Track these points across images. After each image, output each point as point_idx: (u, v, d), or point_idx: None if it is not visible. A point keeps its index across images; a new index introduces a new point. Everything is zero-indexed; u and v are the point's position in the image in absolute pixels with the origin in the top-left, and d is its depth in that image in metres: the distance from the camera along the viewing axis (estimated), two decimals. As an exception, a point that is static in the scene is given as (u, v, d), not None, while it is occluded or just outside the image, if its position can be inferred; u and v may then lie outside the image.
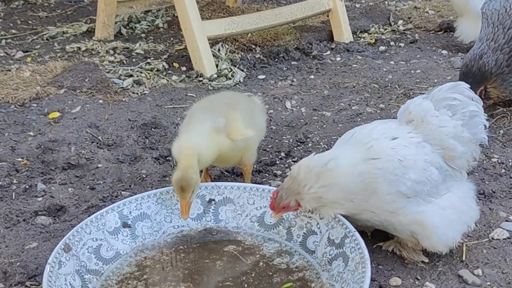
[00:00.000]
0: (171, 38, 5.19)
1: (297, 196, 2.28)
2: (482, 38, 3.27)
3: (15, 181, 3.07)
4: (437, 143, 2.33)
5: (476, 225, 2.54)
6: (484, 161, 3.11)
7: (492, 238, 2.54)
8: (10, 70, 4.38)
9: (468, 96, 2.43)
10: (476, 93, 3.11)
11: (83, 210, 2.80)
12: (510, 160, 3.11)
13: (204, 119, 2.58)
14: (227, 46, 4.64)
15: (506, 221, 2.65)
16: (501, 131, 3.34)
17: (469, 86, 2.96)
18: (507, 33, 3.17)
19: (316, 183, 2.23)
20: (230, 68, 4.34)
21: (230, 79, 4.22)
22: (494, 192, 2.86)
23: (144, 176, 3.12)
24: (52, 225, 2.70)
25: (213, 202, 2.58)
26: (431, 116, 2.35)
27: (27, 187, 3.01)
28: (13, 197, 2.93)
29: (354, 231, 2.26)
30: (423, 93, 3.84)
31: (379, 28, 5.41)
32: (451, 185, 2.37)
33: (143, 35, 5.32)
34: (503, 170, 3.05)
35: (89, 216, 2.68)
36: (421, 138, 2.33)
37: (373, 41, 5.09)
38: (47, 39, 5.25)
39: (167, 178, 3.09)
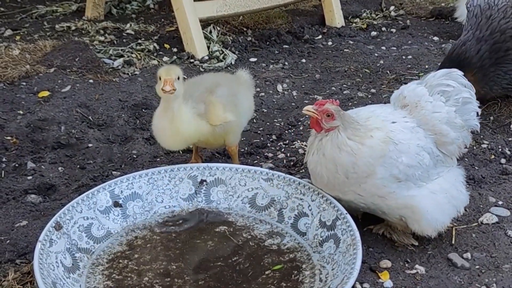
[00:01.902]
0: (162, 19, 5.15)
1: (344, 123, 2.27)
2: (467, 27, 3.28)
3: (4, 159, 3.05)
4: (430, 128, 2.35)
5: (466, 210, 2.57)
6: (474, 147, 3.12)
7: (481, 223, 2.56)
8: (-2, 48, 4.34)
9: (461, 83, 2.44)
10: None
11: (74, 189, 2.79)
12: (499, 146, 3.13)
13: (185, 104, 2.55)
14: (218, 28, 4.62)
15: (495, 206, 2.67)
16: (491, 118, 3.36)
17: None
18: (491, 26, 3.17)
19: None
20: (221, 50, 4.32)
21: (222, 61, 4.20)
22: (484, 178, 2.88)
23: (134, 156, 3.10)
24: (42, 203, 2.68)
25: (204, 183, 2.58)
26: (425, 101, 2.37)
27: (16, 165, 2.99)
28: (3, 175, 2.91)
29: (346, 214, 2.27)
30: (414, 79, 3.88)
31: (370, 13, 5.41)
32: (441, 170, 2.38)
33: (133, 15, 5.28)
34: (493, 156, 3.07)
35: (79, 195, 2.67)
36: (415, 123, 2.34)
37: (364, 26, 5.08)
38: (36, 18, 5.20)
39: (158, 159, 3.08)
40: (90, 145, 3.20)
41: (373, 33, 4.95)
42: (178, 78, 2.44)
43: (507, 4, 3.17)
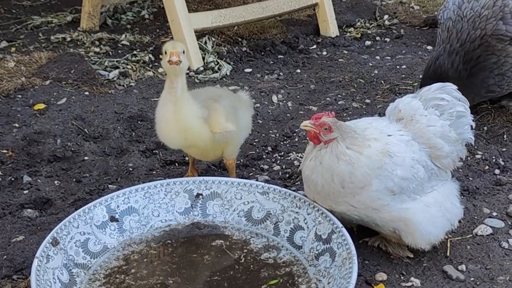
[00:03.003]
0: (157, 30, 5.16)
1: (342, 133, 2.29)
2: (439, 42, 3.35)
3: (0, 173, 3.05)
4: (424, 141, 2.37)
5: (460, 222, 2.58)
6: (468, 158, 3.15)
7: (476, 234, 2.58)
8: (-7, 60, 4.34)
9: (455, 96, 2.47)
10: None
11: (70, 203, 2.80)
12: (493, 157, 3.16)
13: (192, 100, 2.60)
14: (213, 39, 4.63)
15: (490, 217, 2.69)
16: (485, 128, 3.38)
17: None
18: (460, 38, 3.22)
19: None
20: (216, 61, 4.34)
21: (217, 72, 4.22)
22: (478, 189, 2.90)
23: (130, 169, 3.11)
24: (39, 218, 2.69)
25: (200, 196, 2.59)
26: (420, 115, 2.39)
27: (12, 179, 3.00)
28: (-2, 189, 2.92)
29: (341, 227, 2.29)
30: (409, 89, 3.92)
31: (365, 22, 5.43)
32: (436, 184, 2.40)
33: (128, 26, 5.28)
34: (487, 167, 3.09)
35: (76, 209, 2.69)
36: (410, 136, 2.36)
37: (359, 35, 5.10)
38: (31, 29, 5.19)
39: (154, 172, 3.10)
40: (86, 158, 3.21)
41: (367, 43, 4.98)
42: (184, 52, 2.50)
43: (475, 14, 3.21)
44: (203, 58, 4.37)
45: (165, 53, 2.49)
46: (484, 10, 3.18)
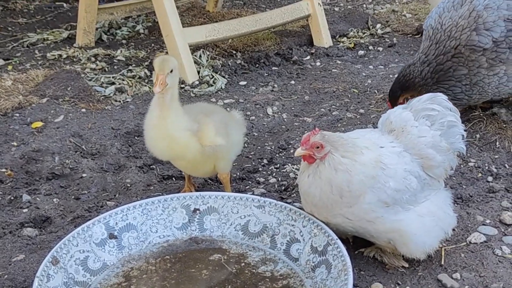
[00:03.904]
0: (152, 44, 5.21)
1: (333, 144, 2.33)
2: (419, 50, 3.45)
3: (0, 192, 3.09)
4: (416, 152, 2.41)
5: (454, 230, 2.63)
6: (461, 166, 3.19)
7: (470, 242, 2.62)
8: (-9, 79, 4.39)
9: (446, 106, 2.51)
10: (399, 100, 3.28)
11: (69, 221, 2.83)
12: (486, 164, 3.20)
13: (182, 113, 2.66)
14: (208, 53, 4.68)
15: (483, 225, 2.73)
16: (478, 136, 3.42)
17: (394, 90, 3.37)
18: (437, 49, 3.31)
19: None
20: (211, 74, 4.38)
21: (212, 85, 4.26)
22: (471, 196, 2.94)
23: (128, 185, 3.15)
24: (39, 236, 2.72)
25: (197, 211, 2.63)
26: (411, 126, 2.43)
27: (12, 198, 3.04)
28: (-2, 209, 2.95)
29: (337, 239, 2.32)
30: (402, 98, 3.94)
31: (357, 32, 5.48)
32: (429, 193, 2.44)
33: (124, 41, 5.33)
34: (480, 174, 3.13)
35: (75, 227, 2.74)
36: (402, 148, 2.40)
37: (352, 45, 5.16)
38: (27, 46, 5.24)
39: (152, 187, 3.13)
40: (84, 175, 3.25)
41: (361, 52, 5.03)
42: (172, 71, 2.55)
43: (453, 23, 3.28)
44: (198, 72, 4.41)
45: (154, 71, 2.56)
46: (461, 20, 3.25)
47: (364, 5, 6.49)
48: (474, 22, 3.23)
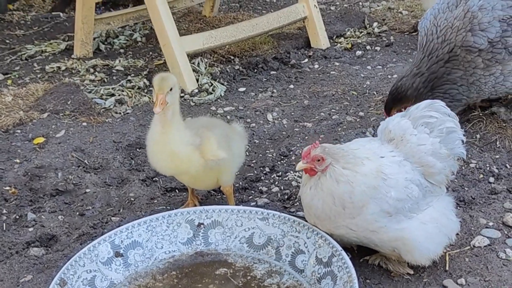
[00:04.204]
0: (150, 53, 5.22)
1: (334, 156, 2.35)
2: (412, 61, 3.45)
3: (4, 211, 3.11)
4: (416, 160, 2.42)
5: (458, 234, 2.64)
6: (463, 167, 3.20)
7: (474, 246, 2.63)
8: (-9, 95, 4.40)
9: (444, 113, 2.52)
10: (391, 112, 3.30)
11: (75, 238, 2.85)
12: (487, 165, 3.21)
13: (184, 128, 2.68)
14: (206, 60, 4.69)
15: (486, 227, 2.74)
16: (478, 136, 3.43)
17: (388, 102, 3.37)
18: (430, 60, 3.32)
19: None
20: (210, 82, 4.39)
21: (211, 93, 4.28)
22: (474, 199, 2.96)
23: (132, 199, 3.17)
24: (45, 255, 2.74)
25: (202, 226, 2.64)
26: (410, 134, 2.44)
27: (17, 217, 3.05)
28: (4, 228, 2.97)
29: (341, 250, 2.34)
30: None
31: (354, 31, 5.49)
32: (431, 200, 2.46)
33: (122, 50, 5.34)
34: (481, 176, 3.15)
35: (81, 244, 2.76)
36: (402, 157, 2.42)
37: (349, 46, 5.16)
38: (26, 59, 5.25)
39: (155, 200, 3.15)
40: (87, 190, 3.27)
41: (358, 53, 5.04)
42: (171, 90, 2.56)
43: (448, 24, 3.29)
44: (197, 80, 4.42)
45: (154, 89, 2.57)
46: (456, 21, 3.26)
47: (360, 3, 6.50)
48: (469, 23, 3.24)
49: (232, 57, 4.95)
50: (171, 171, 2.75)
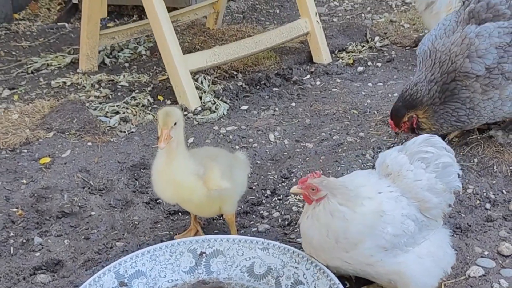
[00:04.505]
0: (154, 67, 5.29)
1: (332, 191, 2.42)
2: (421, 68, 3.47)
3: (12, 234, 3.19)
4: (413, 196, 2.49)
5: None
6: (460, 192, 3.26)
7: (469, 276, 2.70)
8: (-2, 111, 4.49)
9: (441, 147, 2.58)
10: (403, 119, 3.38)
11: (80, 264, 2.93)
12: (484, 191, 3.27)
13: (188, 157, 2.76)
14: (209, 77, 4.76)
15: (481, 257, 2.81)
16: (476, 160, 3.49)
17: (397, 109, 3.41)
18: (441, 67, 3.36)
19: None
20: (213, 100, 4.46)
21: (214, 112, 4.34)
22: (470, 226, 3.02)
23: (136, 223, 3.24)
24: (52, 282, 2.82)
25: (204, 255, 2.72)
26: (407, 170, 2.51)
27: (24, 240, 3.13)
28: (12, 252, 3.05)
29: (338, 283, 2.41)
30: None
31: (356, 45, 5.54)
32: (427, 233, 2.53)
33: (126, 64, 5.41)
34: (478, 201, 3.21)
35: (86, 270, 2.86)
36: (399, 192, 2.49)
37: (351, 61, 5.22)
38: (32, 72, 5.32)
39: (159, 224, 3.23)
40: (92, 213, 3.34)
41: (360, 69, 5.10)
42: (175, 124, 2.64)
43: (446, 49, 3.36)
44: (200, 98, 4.49)
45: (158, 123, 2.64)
46: (454, 47, 3.32)
47: (363, 15, 6.55)
48: (467, 50, 3.30)
49: (235, 73, 5.02)
50: (175, 199, 2.83)
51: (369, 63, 5.21)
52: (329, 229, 2.41)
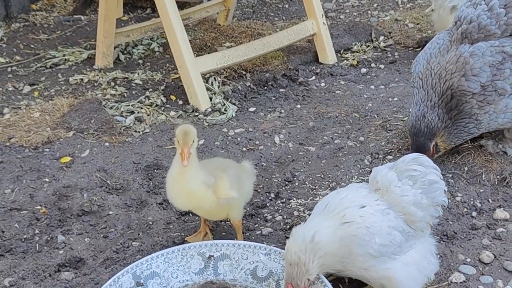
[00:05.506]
0: (167, 64, 5.54)
1: (306, 275, 2.66)
2: (418, 101, 3.69)
3: (37, 231, 3.49)
4: (399, 210, 2.76)
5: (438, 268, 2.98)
6: (449, 200, 3.52)
7: (451, 282, 2.98)
8: (20, 108, 4.77)
9: (428, 166, 2.84)
10: (430, 148, 3.60)
11: (100, 263, 3.23)
12: (472, 199, 3.53)
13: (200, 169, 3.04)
14: (219, 78, 5.01)
15: (464, 263, 3.08)
16: (466, 168, 3.75)
17: (422, 144, 3.59)
18: (436, 91, 3.59)
19: (315, 256, 2.64)
20: (223, 102, 4.72)
21: (224, 113, 4.60)
22: (456, 233, 3.29)
23: (150, 223, 3.54)
24: (75, 279, 3.13)
25: (212, 258, 3.01)
26: (394, 186, 2.78)
27: (48, 238, 3.43)
28: (38, 249, 3.36)
29: (332, 289, 2.70)
30: (399, 124, 4.27)
31: (361, 45, 5.77)
32: (414, 242, 2.80)
33: (140, 61, 5.66)
34: (465, 209, 3.47)
35: (105, 269, 3.16)
36: (386, 206, 2.76)
37: (355, 62, 5.45)
38: (50, 67, 5.59)
39: (171, 225, 3.52)
40: (110, 212, 3.64)
41: (363, 70, 5.33)
42: (193, 141, 2.94)
43: (441, 67, 3.59)
44: (211, 99, 4.75)
45: (178, 141, 2.90)
46: (449, 65, 3.55)
47: (369, 12, 6.75)
48: (462, 68, 3.53)
49: (244, 72, 5.26)
50: (187, 206, 3.12)
51: (373, 64, 5.44)
52: None
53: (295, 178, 3.88)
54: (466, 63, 3.52)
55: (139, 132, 4.45)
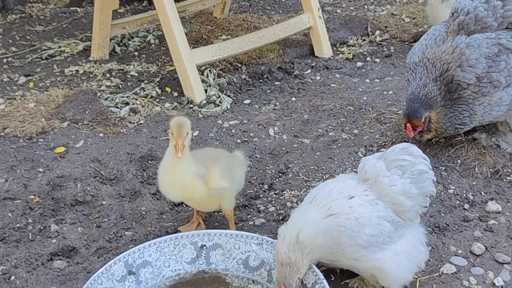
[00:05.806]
0: (163, 56, 5.54)
1: (298, 274, 2.67)
2: (416, 77, 3.68)
3: (30, 221, 3.49)
4: (388, 200, 2.76)
5: (430, 260, 3.00)
6: (442, 192, 3.53)
7: (442, 273, 2.99)
8: (15, 99, 4.77)
9: (417, 156, 2.84)
10: (422, 117, 3.56)
11: (93, 252, 3.24)
12: (464, 191, 3.54)
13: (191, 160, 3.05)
14: (214, 70, 5.01)
15: (455, 255, 3.09)
16: (459, 161, 3.76)
17: (416, 109, 3.58)
18: (436, 67, 3.59)
19: (303, 255, 2.65)
20: (218, 94, 4.72)
21: (218, 105, 4.61)
22: (448, 225, 3.30)
23: (143, 213, 3.54)
24: (67, 268, 3.13)
25: (204, 247, 3.02)
26: (383, 176, 2.77)
27: (41, 227, 3.44)
28: (31, 238, 3.36)
29: (323, 279, 2.70)
30: (393, 118, 4.28)
31: (357, 39, 5.77)
32: (403, 232, 2.81)
33: (136, 53, 5.67)
34: (458, 202, 3.48)
35: (98, 258, 3.16)
36: (374, 196, 2.76)
37: (351, 56, 5.46)
38: (46, 58, 5.59)
39: (164, 216, 3.52)
40: (104, 202, 3.64)
41: (359, 64, 5.34)
42: (187, 133, 2.95)
43: (437, 58, 3.60)
44: (206, 91, 4.75)
45: (172, 133, 2.90)
46: (445, 55, 3.56)
47: (366, 6, 6.75)
48: (459, 59, 3.53)
49: (239, 65, 5.26)
50: (179, 198, 3.13)
51: (368, 58, 5.45)
52: None
53: (288, 170, 3.88)
54: (462, 54, 3.53)
55: (133, 123, 4.45)
